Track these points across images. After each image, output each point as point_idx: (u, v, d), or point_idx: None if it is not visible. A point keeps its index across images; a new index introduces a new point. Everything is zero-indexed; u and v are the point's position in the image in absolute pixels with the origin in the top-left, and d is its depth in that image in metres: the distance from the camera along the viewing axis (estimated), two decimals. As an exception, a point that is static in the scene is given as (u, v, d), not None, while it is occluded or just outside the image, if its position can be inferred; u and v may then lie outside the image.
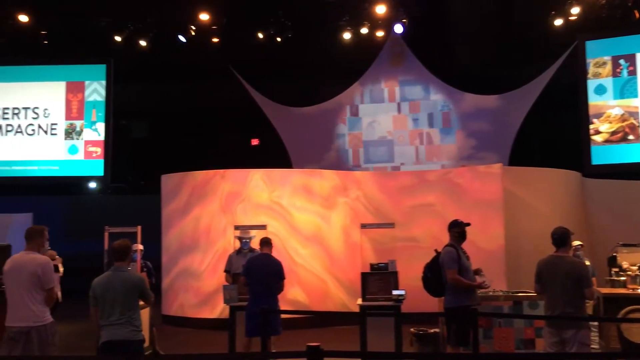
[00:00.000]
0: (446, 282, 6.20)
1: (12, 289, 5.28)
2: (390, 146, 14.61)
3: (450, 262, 6.15)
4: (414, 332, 7.70)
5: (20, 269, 5.27)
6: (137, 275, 4.93)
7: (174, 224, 11.08)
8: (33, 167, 14.66)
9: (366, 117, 14.78)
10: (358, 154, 14.74)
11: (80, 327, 10.45)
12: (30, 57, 14.73)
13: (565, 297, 5.31)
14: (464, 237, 6.39)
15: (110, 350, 4.68)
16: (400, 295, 7.48)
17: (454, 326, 6.11)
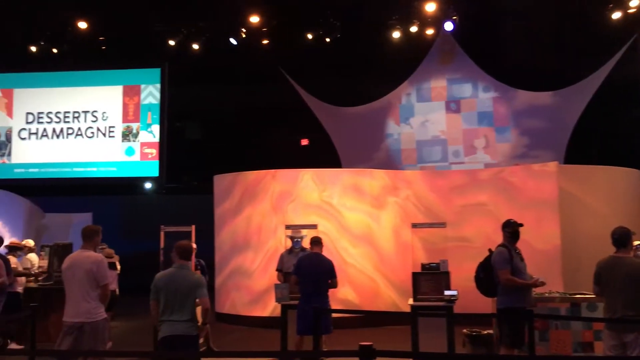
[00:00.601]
0: (499, 283, 6.08)
1: (69, 286, 5.51)
2: (444, 145, 14.41)
3: (502, 262, 6.03)
4: (466, 333, 7.59)
5: (77, 267, 5.49)
6: (197, 275, 5.05)
7: (227, 224, 11.28)
8: (92, 168, 15.23)
9: (419, 116, 14.61)
10: (411, 153, 14.58)
11: (137, 324, 10.77)
12: (89, 63, 15.29)
13: (626, 299, 5.14)
14: (516, 237, 6.26)
15: (168, 345, 4.81)
16: (452, 295, 7.39)
17: (507, 327, 6.00)
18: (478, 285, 6.34)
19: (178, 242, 5.21)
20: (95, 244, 5.73)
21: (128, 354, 5.50)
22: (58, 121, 15.39)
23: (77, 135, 15.31)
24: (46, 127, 15.40)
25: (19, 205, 13.19)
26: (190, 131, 17.81)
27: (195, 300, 4.93)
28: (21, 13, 13.27)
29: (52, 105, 15.42)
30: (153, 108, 15.24)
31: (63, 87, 15.48)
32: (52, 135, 15.36)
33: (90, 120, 15.33)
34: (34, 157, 15.37)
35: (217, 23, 13.80)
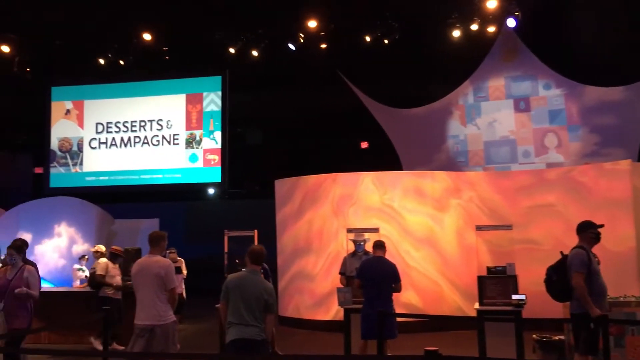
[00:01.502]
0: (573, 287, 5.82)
1: (139, 290, 5.67)
2: (512, 146, 13.95)
3: (579, 265, 5.74)
4: (536, 339, 7.33)
5: (146, 271, 5.64)
6: (268, 283, 5.07)
7: (288, 227, 11.36)
8: (158, 175, 15.70)
9: (486, 116, 14.21)
10: (478, 154, 14.20)
11: (203, 326, 10.98)
12: (153, 73, 15.79)
13: None
14: (599, 239, 5.96)
15: (236, 348, 4.84)
16: (520, 299, 7.16)
17: (583, 333, 5.73)
18: (549, 289, 6.08)
19: (250, 247, 5.23)
20: (162, 249, 5.88)
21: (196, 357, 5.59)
22: (125, 130, 15.97)
23: (143, 143, 15.83)
24: (115, 137, 16.01)
25: (91, 212, 13.71)
26: (251, 137, 18.08)
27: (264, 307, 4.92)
28: (90, 28, 13.85)
29: (119, 115, 16.02)
30: (215, 115, 15.57)
31: (130, 97, 16.04)
32: (120, 144, 15.95)
33: (156, 128, 15.82)
34: (103, 166, 15.99)
35: (276, 29, 13.97)
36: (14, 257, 6.55)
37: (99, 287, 8.80)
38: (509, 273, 7.53)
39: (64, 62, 15.24)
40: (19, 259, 6.57)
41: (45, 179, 16.30)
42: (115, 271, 8.95)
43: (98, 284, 8.82)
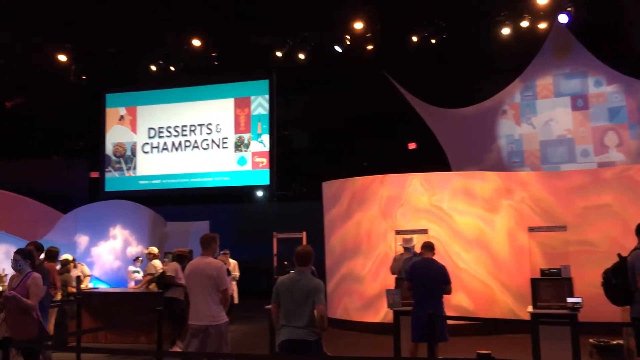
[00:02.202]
0: (636, 289, 5.61)
1: (192, 291, 5.79)
2: (570, 145, 13.52)
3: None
4: (593, 343, 7.11)
5: (198, 273, 5.75)
6: (315, 280, 5.09)
7: (336, 229, 11.38)
8: (208, 178, 15.99)
9: (541, 114, 13.81)
10: (534, 154, 13.82)
11: (254, 327, 11.11)
12: (203, 78, 16.11)
13: None
14: None
15: (288, 349, 4.88)
16: (576, 303, 6.96)
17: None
18: (608, 292, 5.89)
19: (297, 248, 5.27)
20: (214, 251, 5.98)
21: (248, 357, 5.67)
22: (176, 135, 16.34)
23: (193, 147, 16.16)
24: (166, 141, 16.40)
25: (144, 214, 14.07)
26: (298, 139, 18.19)
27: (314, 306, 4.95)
28: (142, 36, 14.23)
29: (170, 119, 16.40)
30: (263, 118, 15.75)
31: (180, 102, 16.40)
32: (171, 148, 16.33)
33: (205, 132, 16.12)
34: (155, 170, 16.40)
35: (322, 32, 14.02)
36: (20, 264, 6.03)
37: (168, 287, 8.93)
38: (563, 275, 7.35)
39: (118, 70, 15.73)
40: (26, 266, 6.06)
41: (100, 183, 16.84)
42: (182, 273, 8.92)
43: (169, 284, 8.92)
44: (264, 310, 7.69)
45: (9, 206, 15.98)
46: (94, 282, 12.53)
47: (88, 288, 11.09)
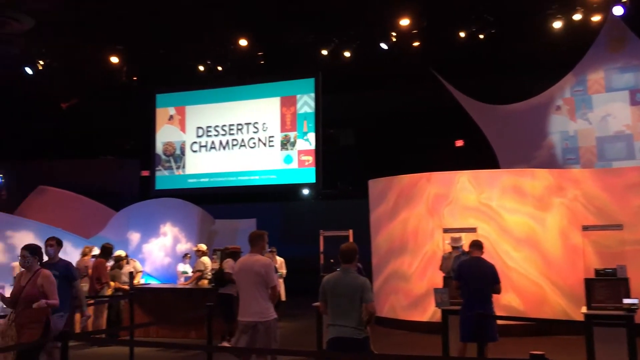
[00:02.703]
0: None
1: (242, 288, 5.87)
2: (629, 141, 12.90)
3: None
4: (651, 347, 6.85)
5: (247, 270, 5.83)
6: (361, 278, 5.08)
7: (382, 227, 11.34)
8: (255, 176, 16.19)
9: (598, 110, 13.37)
10: (590, 151, 13.38)
11: (301, 324, 11.18)
12: (249, 78, 16.30)
13: None
14: None
15: (336, 347, 4.89)
16: (633, 304, 6.73)
17: None
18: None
19: (341, 246, 5.27)
20: (262, 248, 6.04)
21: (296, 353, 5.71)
22: (224, 134, 16.59)
23: (240, 146, 16.38)
24: (214, 140, 16.67)
25: (193, 212, 14.35)
26: (344, 137, 18.20)
27: (361, 303, 4.94)
28: (190, 37, 14.51)
29: (218, 119, 16.67)
30: (308, 117, 15.83)
31: (227, 101, 16.65)
32: (219, 147, 16.59)
33: (252, 131, 16.31)
34: (204, 168, 16.71)
35: (367, 29, 13.98)
36: (28, 260, 5.79)
37: (225, 284, 9.06)
38: (619, 275, 7.13)
39: (167, 71, 16.08)
40: (34, 262, 5.85)
41: (151, 182, 17.26)
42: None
43: (226, 281, 9.05)
44: (311, 308, 7.74)
45: (65, 204, 16.57)
46: (145, 278, 12.85)
47: (140, 284, 11.39)
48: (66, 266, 6.49)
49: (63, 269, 6.38)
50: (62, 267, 6.41)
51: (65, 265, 6.50)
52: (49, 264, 6.31)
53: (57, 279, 6.08)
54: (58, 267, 6.35)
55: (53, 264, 6.38)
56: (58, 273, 6.20)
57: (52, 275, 5.91)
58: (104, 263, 9.71)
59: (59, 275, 6.19)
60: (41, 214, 15.48)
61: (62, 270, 6.35)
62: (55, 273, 6.13)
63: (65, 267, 6.45)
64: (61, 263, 6.50)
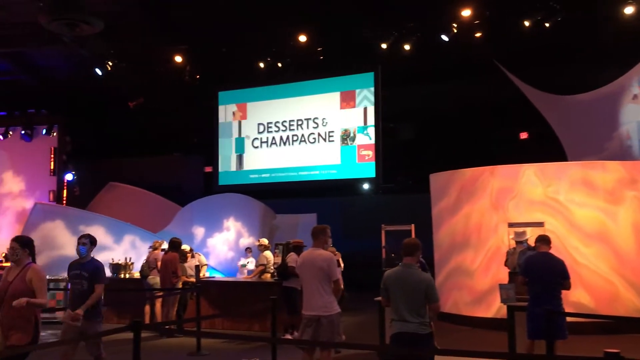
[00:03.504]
0: None
1: (305, 282, 5.93)
2: None
3: None
4: None
5: (310, 264, 5.88)
6: (424, 274, 5.04)
7: (444, 222, 11.19)
8: (315, 171, 16.29)
9: None
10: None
11: (363, 319, 11.19)
12: (309, 73, 16.39)
13: None
14: None
15: (399, 342, 4.87)
16: None
17: None
18: None
19: (404, 240, 5.23)
20: (324, 242, 6.08)
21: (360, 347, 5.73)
22: (284, 129, 16.78)
23: (301, 141, 16.51)
24: (274, 136, 16.89)
25: (254, 207, 14.59)
26: (404, 131, 18.03)
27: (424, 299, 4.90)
28: (250, 34, 14.73)
29: (278, 115, 16.86)
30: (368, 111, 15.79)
31: (287, 97, 16.82)
32: (279, 142, 16.79)
33: (312, 126, 16.41)
34: (265, 164, 16.96)
35: (427, 22, 13.79)
36: (17, 253, 5.19)
37: (288, 277, 9.17)
38: (699, 273, 6.75)
39: (229, 68, 16.39)
40: (24, 256, 5.23)
41: (214, 177, 17.67)
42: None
43: (290, 274, 9.14)
44: (372, 302, 7.74)
45: (133, 200, 17.20)
46: (209, 271, 13.18)
47: (205, 277, 11.68)
48: (96, 267, 6.02)
49: (92, 270, 5.95)
50: (91, 268, 5.97)
51: (95, 266, 6.02)
52: (78, 264, 6.03)
53: (86, 281, 5.86)
54: (86, 268, 5.96)
55: (81, 263, 6.01)
56: (87, 274, 5.90)
57: (43, 271, 5.32)
58: (177, 257, 9.95)
59: (87, 276, 5.89)
60: (111, 209, 16.13)
61: (91, 272, 5.94)
62: (83, 274, 5.89)
63: (95, 268, 5.99)
64: (92, 263, 6.04)
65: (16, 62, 16.62)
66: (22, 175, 19.44)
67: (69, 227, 14.52)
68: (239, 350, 8.59)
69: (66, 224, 14.53)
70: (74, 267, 6.07)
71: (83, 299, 5.87)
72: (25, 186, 19.39)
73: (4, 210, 19.14)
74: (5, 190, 19.47)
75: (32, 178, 19.35)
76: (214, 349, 8.54)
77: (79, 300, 5.91)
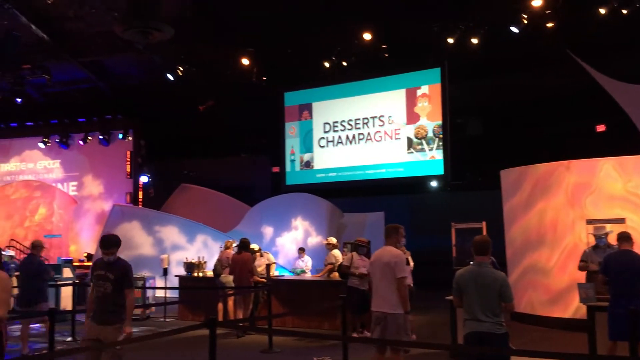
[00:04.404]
0: None
1: (374, 279, 5.95)
2: None
3: None
4: None
5: (379, 262, 5.89)
6: (498, 272, 4.90)
7: (517, 219, 10.86)
8: (382, 170, 16.21)
9: None
10: None
11: (433, 318, 11.03)
12: (374, 71, 16.32)
13: None
14: None
15: (474, 342, 4.77)
16: None
17: None
18: None
19: (474, 238, 5.12)
20: (396, 241, 6.05)
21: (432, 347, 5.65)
22: (350, 128, 16.78)
23: (367, 140, 16.47)
24: (340, 135, 16.92)
25: (322, 206, 14.67)
26: (471, 127, 17.66)
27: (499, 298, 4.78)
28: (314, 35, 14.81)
29: (344, 113, 16.89)
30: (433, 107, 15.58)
31: (352, 96, 16.81)
32: (345, 141, 16.82)
33: (378, 124, 16.34)
34: (331, 163, 17.02)
35: (496, 14, 13.43)
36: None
37: (347, 277, 9.20)
38: None
39: (294, 69, 16.56)
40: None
41: (281, 177, 17.90)
42: (360, 262, 9.05)
43: (344, 273, 9.23)
44: (444, 301, 7.62)
45: (204, 201, 17.70)
46: (278, 270, 13.35)
47: (274, 276, 11.83)
48: (124, 269, 5.33)
49: (120, 272, 5.29)
50: (118, 269, 5.30)
51: (123, 267, 5.34)
52: (103, 263, 5.32)
53: (111, 284, 5.19)
54: (113, 269, 5.29)
55: (107, 263, 5.31)
56: (112, 277, 5.24)
57: (9, 279, 4.78)
58: (249, 257, 10.06)
59: (113, 279, 5.23)
60: (184, 210, 16.66)
61: (120, 274, 5.28)
62: (108, 275, 5.23)
63: (123, 270, 5.31)
64: (119, 264, 5.35)
65: (93, 70, 17.44)
66: (100, 178, 20.42)
67: (145, 228, 15.11)
68: (310, 348, 8.65)
69: (142, 224, 15.13)
70: (98, 266, 5.36)
71: (107, 304, 5.16)
72: (104, 189, 20.35)
73: (84, 212, 20.16)
74: (86, 193, 20.48)
75: (110, 181, 20.29)
76: (285, 347, 8.65)
77: (102, 305, 5.18)
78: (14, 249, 16.79)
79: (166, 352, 8.39)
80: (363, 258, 9.07)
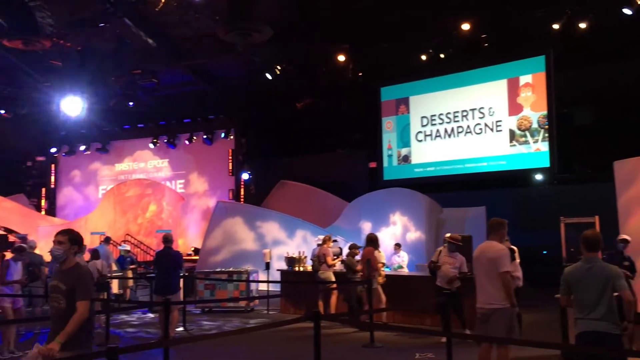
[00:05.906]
0: None
1: (478, 274, 5.79)
2: None
3: None
4: None
5: (482, 257, 5.73)
6: (612, 267, 4.61)
7: (634, 212, 10.17)
8: (483, 163, 15.73)
9: None
10: None
11: (542, 316, 10.58)
12: (473, 62, 15.84)
13: None
14: None
15: (587, 342, 4.53)
16: None
17: None
18: None
19: (583, 233, 4.84)
20: (502, 236, 5.85)
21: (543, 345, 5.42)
22: (449, 121, 16.42)
23: (466, 133, 16.04)
24: (439, 128, 16.60)
25: (420, 201, 14.47)
26: (579, 117, 16.72)
27: (613, 295, 4.50)
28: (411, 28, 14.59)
29: (442, 106, 16.54)
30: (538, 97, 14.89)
31: (451, 88, 16.42)
32: (444, 135, 16.48)
33: (478, 117, 15.86)
34: (430, 157, 16.74)
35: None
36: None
37: (434, 273, 9.01)
38: None
39: (390, 64, 16.43)
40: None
41: (379, 172, 17.85)
42: (446, 259, 8.74)
43: (430, 270, 9.03)
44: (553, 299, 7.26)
45: (303, 196, 18.02)
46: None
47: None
48: (79, 276, 4.29)
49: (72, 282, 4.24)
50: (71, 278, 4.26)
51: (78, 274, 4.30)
52: (58, 272, 4.34)
53: (64, 297, 4.17)
54: (65, 278, 4.25)
55: (62, 271, 4.29)
56: (64, 287, 4.21)
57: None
58: (372, 251, 10.03)
59: (64, 290, 4.19)
60: (283, 206, 17.07)
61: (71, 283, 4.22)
62: (60, 287, 4.20)
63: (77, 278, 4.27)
64: (74, 271, 4.28)
65: (197, 73, 18.23)
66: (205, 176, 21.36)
67: (247, 223, 15.64)
68: (412, 344, 8.57)
69: (245, 220, 15.67)
70: (54, 276, 4.36)
71: (62, 322, 4.12)
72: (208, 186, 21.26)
73: (191, 209, 21.17)
74: (192, 190, 21.50)
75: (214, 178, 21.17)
76: (387, 342, 8.63)
77: (57, 324, 4.16)
78: (129, 244, 17.95)
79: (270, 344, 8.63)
80: (453, 255, 8.78)
